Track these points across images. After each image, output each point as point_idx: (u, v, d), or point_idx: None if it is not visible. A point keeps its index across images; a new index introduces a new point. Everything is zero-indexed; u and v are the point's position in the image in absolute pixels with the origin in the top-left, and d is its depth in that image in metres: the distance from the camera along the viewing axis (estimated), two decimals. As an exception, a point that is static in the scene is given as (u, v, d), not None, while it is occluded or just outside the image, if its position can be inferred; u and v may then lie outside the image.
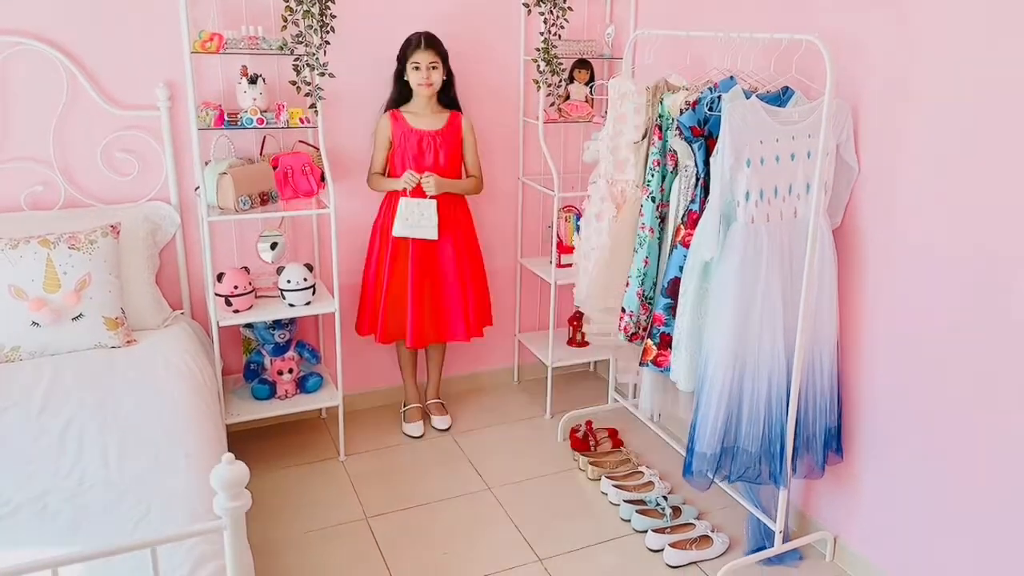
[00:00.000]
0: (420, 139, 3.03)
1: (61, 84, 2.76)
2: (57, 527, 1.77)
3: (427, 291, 3.14)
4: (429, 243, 3.08)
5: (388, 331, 3.16)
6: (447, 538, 2.69)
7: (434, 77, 2.98)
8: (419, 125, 3.04)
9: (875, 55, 2.25)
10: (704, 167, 2.33)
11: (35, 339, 2.53)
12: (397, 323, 3.15)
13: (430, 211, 3.01)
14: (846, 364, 2.45)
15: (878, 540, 2.44)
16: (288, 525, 2.72)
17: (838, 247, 2.37)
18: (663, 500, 2.80)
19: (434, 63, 2.97)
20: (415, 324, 3.12)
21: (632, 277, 2.58)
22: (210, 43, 2.70)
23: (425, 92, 3.00)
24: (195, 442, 2.16)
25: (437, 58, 2.97)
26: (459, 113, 3.13)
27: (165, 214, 2.96)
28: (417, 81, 2.97)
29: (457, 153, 3.12)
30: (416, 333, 3.14)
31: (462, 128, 3.12)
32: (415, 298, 3.10)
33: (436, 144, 3.05)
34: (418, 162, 3.03)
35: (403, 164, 3.04)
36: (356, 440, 3.25)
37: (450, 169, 3.09)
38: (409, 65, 2.97)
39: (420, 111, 3.06)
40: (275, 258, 3.06)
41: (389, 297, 3.12)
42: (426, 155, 3.04)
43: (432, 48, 2.96)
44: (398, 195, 3.04)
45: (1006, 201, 1.96)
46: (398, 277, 3.10)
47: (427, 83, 2.97)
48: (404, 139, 3.03)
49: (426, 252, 3.10)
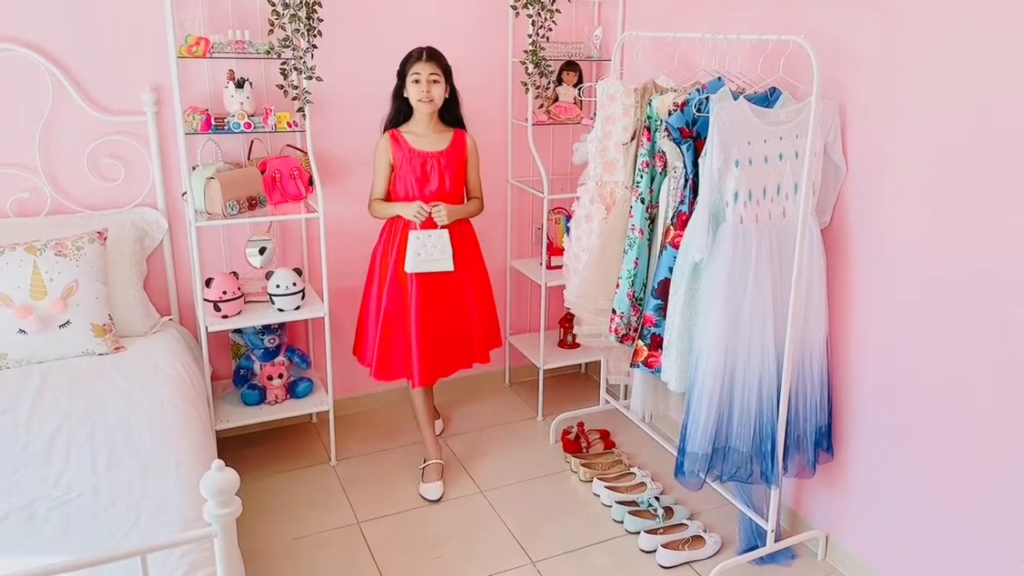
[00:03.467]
0: (423, 161, 2.82)
1: (46, 90, 2.75)
2: (46, 535, 1.75)
3: (434, 324, 2.89)
4: (435, 273, 2.86)
5: (385, 367, 2.93)
6: (440, 542, 2.69)
7: (435, 92, 2.76)
8: (421, 146, 2.83)
9: (862, 56, 2.26)
10: (693, 168, 2.34)
11: (22, 347, 2.51)
12: (397, 360, 2.93)
13: (443, 242, 2.80)
14: (836, 363, 2.46)
15: (870, 538, 2.45)
16: (279, 531, 2.71)
17: (827, 247, 2.38)
18: (655, 501, 2.80)
19: (435, 75, 2.75)
20: (422, 361, 2.88)
21: (622, 278, 2.58)
22: (196, 47, 2.68)
23: (426, 109, 2.78)
24: (185, 449, 2.15)
25: (438, 71, 2.75)
26: (463, 132, 2.92)
27: (152, 220, 2.95)
28: (417, 96, 2.75)
29: (462, 175, 2.91)
30: (424, 371, 2.90)
31: (467, 147, 2.91)
32: (421, 333, 2.86)
33: (440, 166, 2.83)
34: (421, 186, 2.83)
35: (405, 188, 2.84)
36: (347, 445, 3.24)
37: (455, 192, 2.89)
38: (409, 78, 2.76)
39: (422, 131, 2.84)
40: (264, 263, 3.05)
41: (386, 332, 2.90)
42: (430, 178, 2.83)
43: (433, 60, 2.75)
44: (403, 222, 2.85)
45: (994, 200, 1.97)
46: (399, 311, 2.89)
47: (427, 98, 2.75)
48: (406, 162, 2.82)
49: (432, 283, 2.87)
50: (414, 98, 2.77)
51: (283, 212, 2.94)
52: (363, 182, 3.21)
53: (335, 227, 3.14)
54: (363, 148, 3.18)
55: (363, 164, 3.21)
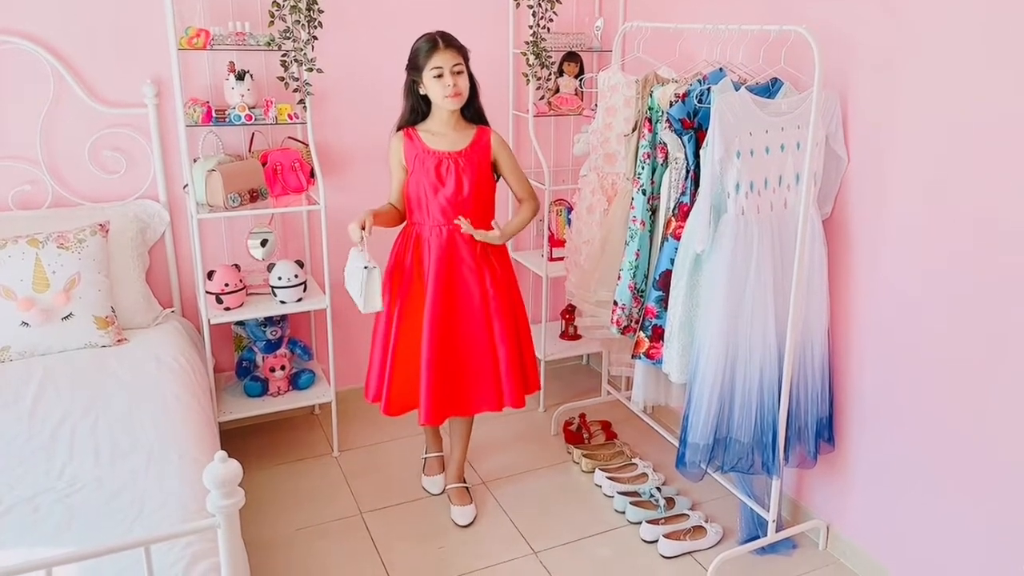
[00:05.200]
0: (438, 162, 2.47)
1: (47, 82, 2.75)
2: (50, 527, 1.76)
3: (450, 352, 2.57)
4: (459, 290, 2.55)
5: (395, 401, 2.63)
6: (442, 533, 2.70)
7: (461, 84, 2.41)
8: (437, 145, 2.49)
9: (864, 46, 2.25)
10: (694, 159, 2.34)
11: (25, 339, 2.52)
12: (408, 391, 2.61)
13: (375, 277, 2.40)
14: (837, 354, 2.46)
15: (871, 528, 2.45)
16: (282, 522, 2.72)
17: (828, 237, 2.37)
18: (657, 491, 2.81)
19: (458, 65, 2.40)
20: (430, 396, 2.55)
21: (624, 270, 2.58)
22: (197, 39, 2.68)
23: (452, 104, 2.42)
24: (188, 440, 2.16)
25: (460, 59, 2.41)
26: (487, 128, 2.57)
27: (154, 212, 2.95)
28: (443, 93, 2.39)
29: (485, 177, 2.53)
30: (432, 407, 2.56)
31: (491, 145, 2.53)
32: (433, 362, 2.53)
33: (458, 167, 2.47)
34: (435, 190, 2.48)
35: (418, 192, 2.51)
36: (350, 436, 3.24)
37: (474, 198, 2.50)
38: (428, 73, 2.39)
39: (440, 129, 2.50)
40: (265, 255, 3.05)
41: (398, 359, 2.59)
42: (445, 181, 2.47)
43: (452, 48, 2.40)
44: (415, 232, 2.56)
45: (996, 191, 1.97)
46: (411, 334, 2.57)
47: (455, 92, 2.40)
48: (418, 162, 2.49)
49: (454, 301, 2.55)
50: (439, 95, 2.42)
51: (284, 204, 2.94)
52: (365, 174, 3.22)
53: (337, 219, 3.13)
54: (365, 140, 3.18)
55: (365, 156, 3.21)
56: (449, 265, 2.54)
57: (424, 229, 2.55)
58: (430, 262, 2.53)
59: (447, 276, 2.54)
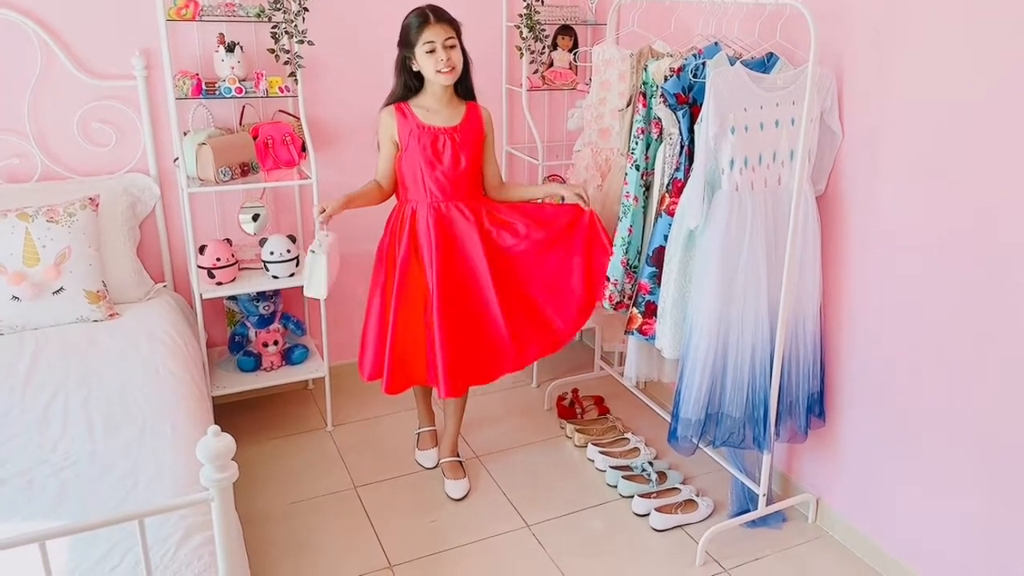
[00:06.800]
0: (435, 138, 2.47)
1: (35, 54, 2.71)
2: (44, 501, 1.77)
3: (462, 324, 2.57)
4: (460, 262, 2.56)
5: (396, 378, 2.62)
6: (435, 506, 2.71)
7: (455, 58, 2.42)
8: (433, 121, 2.49)
9: (859, 21, 2.23)
10: (689, 135, 2.33)
11: (16, 313, 2.51)
12: (410, 368, 2.63)
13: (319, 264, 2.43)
14: (829, 330, 2.47)
15: (860, 502, 2.48)
16: (276, 496, 2.73)
17: (822, 214, 2.37)
18: (649, 466, 2.83)
19: (451, 39, 2.40)
20: (448, 370, 2.55)
21: (617, 246, 2.58)
22: (186, 10, 2.64)
23: (446, 80, 2.43)
24: (181, 414, 2.16)
25: (453, 33, 2.41)
26: (477, 105, 2.59)
27: (144, 186, 2.93)
28: (436, 68, 2.40)
29: (478, 153, 2.57)
30: (450, 381, 2.56)
31: (483, 121, 2.58)
32: (446, 337, 2.53)
33: (455, 144, 2.49)
34: (432, 167, 2.48)
35: (413, 169, 2.50)
36: (343, 410, 3.25)
37: (471, 174, 2.55)
38: (420, 49, 2.39)
39: (434, 105, 2.50)
40: (257, 229, 3.03)
41: (399, 336, 2.57)
42: (442, 157, 2.48)
43: (444, 21, 2.40)
44: (410, 209, 2.55)
45: (991, 168, 1.97)
46: (410, 311, 2.57)
47: (448, 67, 2.40)
48: (414, 139, 2.48)
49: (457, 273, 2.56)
50: (431, 70, 2.42)
51: (276, 178, 2.92)
52: (356, 148, 3.19)
53: (328, 193, 3.11)
54: (356, 113, 3.15)
55: (357, 130, 3.18)
56: (448, 239, 2.55)
57: (420, 206, 2.54)
58: (429, 239, 2.53)
59: (447, 250, 2.55)
